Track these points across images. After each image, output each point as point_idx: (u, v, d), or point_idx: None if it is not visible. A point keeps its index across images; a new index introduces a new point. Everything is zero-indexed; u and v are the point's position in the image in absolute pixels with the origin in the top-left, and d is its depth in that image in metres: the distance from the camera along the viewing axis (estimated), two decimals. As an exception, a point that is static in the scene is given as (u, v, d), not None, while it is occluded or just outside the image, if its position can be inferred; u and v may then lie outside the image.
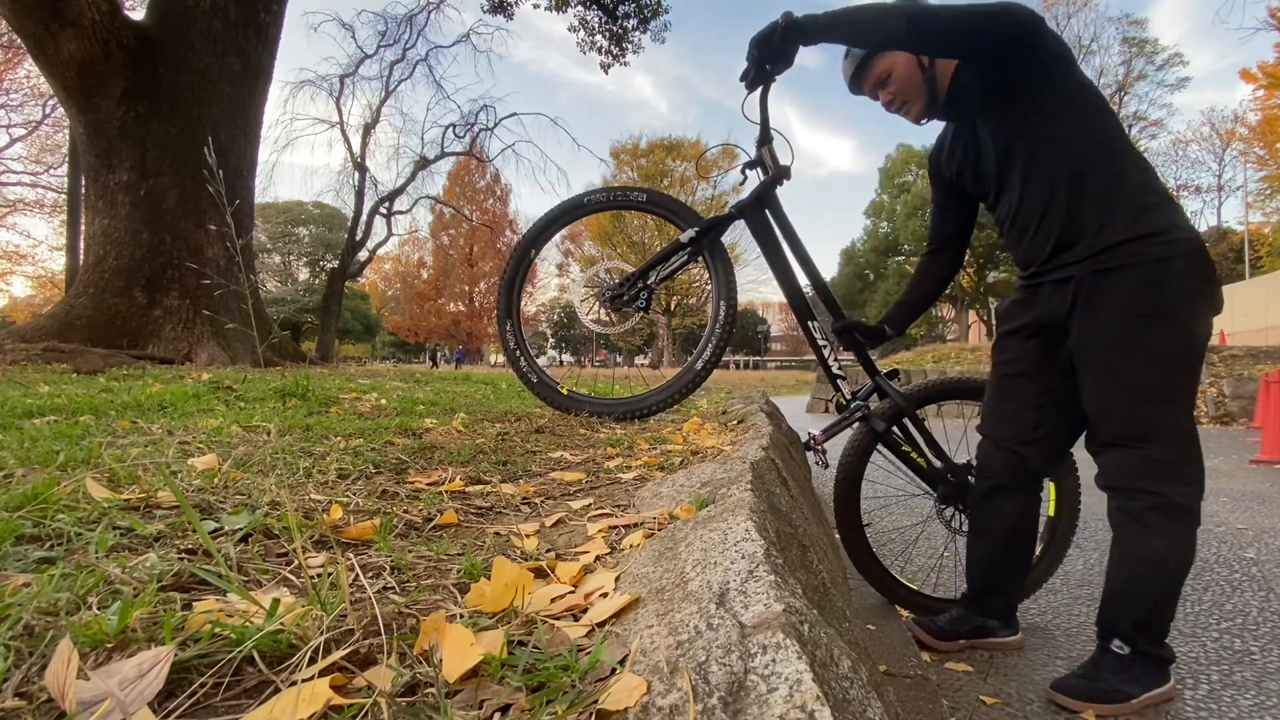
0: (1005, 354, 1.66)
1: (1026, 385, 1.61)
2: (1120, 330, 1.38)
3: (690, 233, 1.99)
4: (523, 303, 2.26)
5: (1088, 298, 1.42)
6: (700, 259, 2.05)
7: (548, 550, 0.81)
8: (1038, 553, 1.92)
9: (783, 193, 1.94)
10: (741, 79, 1.64)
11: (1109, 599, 1.47)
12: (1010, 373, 1.64)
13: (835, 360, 1.94)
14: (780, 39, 1.47)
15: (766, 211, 1.93)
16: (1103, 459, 1.46)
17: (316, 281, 40.19)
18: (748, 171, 1.95)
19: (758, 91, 1.74)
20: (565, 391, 2.15)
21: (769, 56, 1.52)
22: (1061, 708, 1.46)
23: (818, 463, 1.93)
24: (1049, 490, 1.99)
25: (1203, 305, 1.38)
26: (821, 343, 1.92)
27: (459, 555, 0.76)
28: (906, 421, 1.95)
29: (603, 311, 2.06)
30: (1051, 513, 2.00)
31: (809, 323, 1.93)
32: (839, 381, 1.93)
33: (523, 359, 2.12)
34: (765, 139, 1.89)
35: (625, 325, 2.09)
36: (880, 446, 1.95)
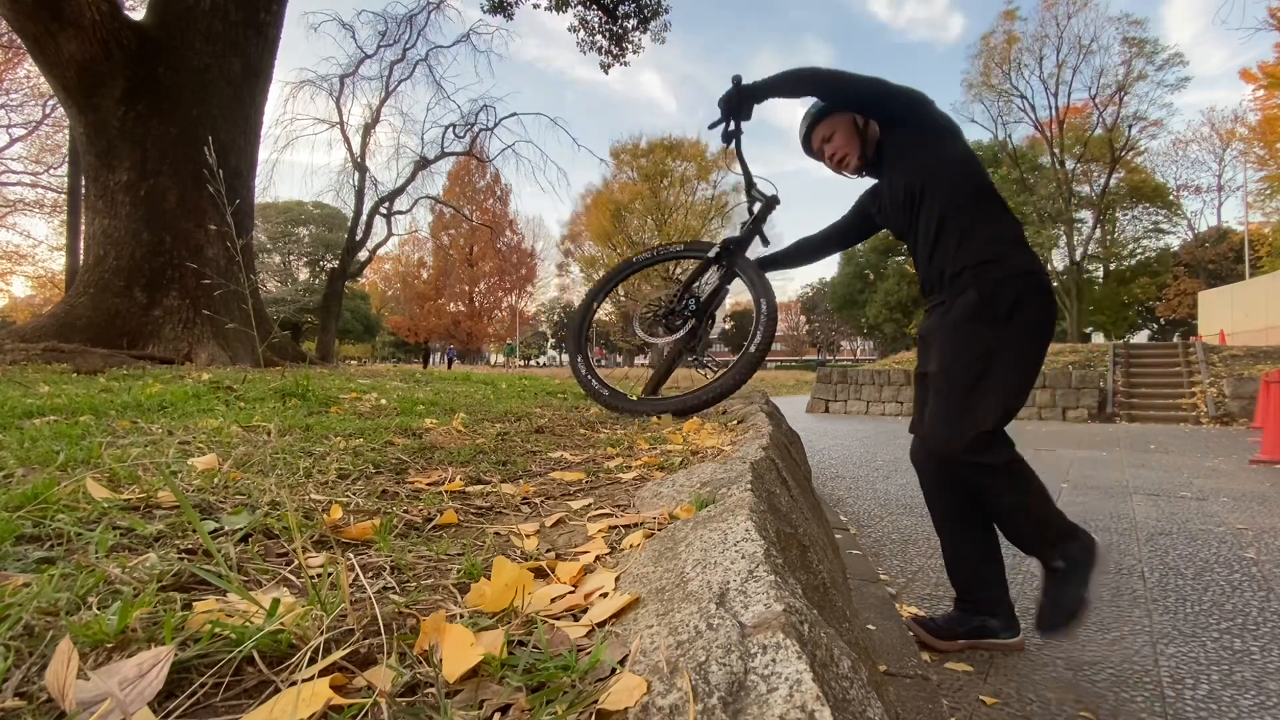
0: (918, 365, 1.95)
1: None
2: (954, 330, 1.68)
3: (715, 249, 2.36)
4: (591, 337, 2.79)
5: (940, 319, 1.75)
6: (731, 273, 2.38)
7: (548, 550, 0.81)
8: None
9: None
10: (723, 138, 2.04)
11: (1017, 544, 1.74)
12: (921, 374, 1.92)
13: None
14: (737, 98, 1.93)
15: (735, 269, 2.30)
16: (929, 440, 1.73)
17: (316, 281, 40.11)
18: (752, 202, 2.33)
19: (733, 146, 2.11)
20: (635, 398, 2.44)
21: (732, 113, 1.97)
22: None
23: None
24: None
25: (1034, 322, 1.63)
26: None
27: (459, 555, 0.76)
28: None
29: (660, 327, 2.44)
30: None
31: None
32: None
33: (593, 380, 2.52)
34: (750, 186, 2.24)
35: (678, 334, 2.41)
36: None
